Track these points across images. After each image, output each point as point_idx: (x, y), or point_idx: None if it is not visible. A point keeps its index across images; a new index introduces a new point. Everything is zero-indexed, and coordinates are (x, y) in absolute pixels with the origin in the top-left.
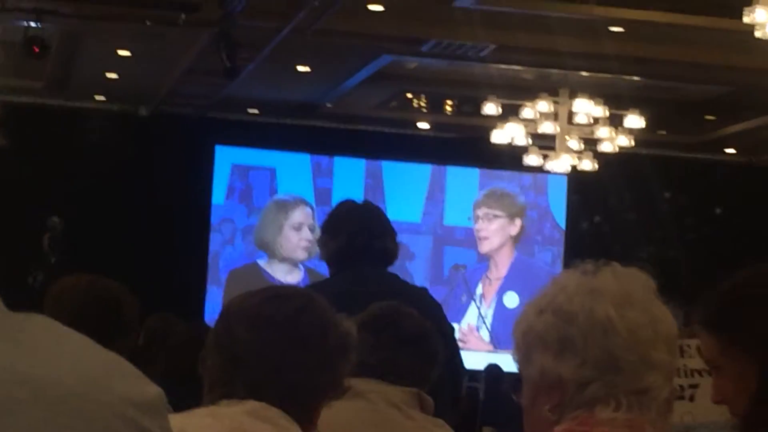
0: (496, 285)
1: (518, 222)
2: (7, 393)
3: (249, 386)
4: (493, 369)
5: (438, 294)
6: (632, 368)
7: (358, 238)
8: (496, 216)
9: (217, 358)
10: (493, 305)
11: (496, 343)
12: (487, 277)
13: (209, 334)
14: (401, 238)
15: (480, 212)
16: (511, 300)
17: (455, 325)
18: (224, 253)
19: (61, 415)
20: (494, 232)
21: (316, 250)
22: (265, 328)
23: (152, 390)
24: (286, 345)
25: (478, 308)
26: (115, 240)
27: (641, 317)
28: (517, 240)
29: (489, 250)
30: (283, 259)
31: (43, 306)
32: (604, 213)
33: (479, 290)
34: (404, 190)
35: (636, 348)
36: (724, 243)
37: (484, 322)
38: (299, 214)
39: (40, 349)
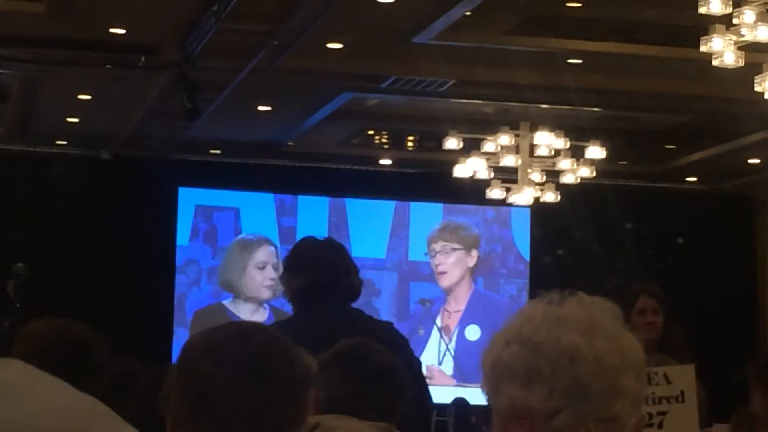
0: (456, 318)
1: (474, 253)
2: None
3: (215, 423)
4: (460, 402)
5: (403, 329)
6: (600, 396)
7: (323, 275)
8: (453, 249)
9: (181, 396)
10: (455, 339)
11: (461, 377)
12: (446, 310)
13: (171, 371)
14: (366, 274)
15: (437, 246)
16: (473, 333)
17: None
18: (190, 295)
19: None
20: (453, 266)
21: (281, 288)
22: (231, 364)
23: (127, 431)
24: (251, 380)
25: (446, 343)
26: (81, 284)
27: (608, 345)
28: (473, 272)
29: (449, 284)
30: (248, 299)
31: (11, 351)
32: (568, 244)
33: (439, 323)
34: (368, 227)
35: (603, 375)
36: (688, 271)
37: (450, 356)
38: (263, 254)
39: (16, 394)
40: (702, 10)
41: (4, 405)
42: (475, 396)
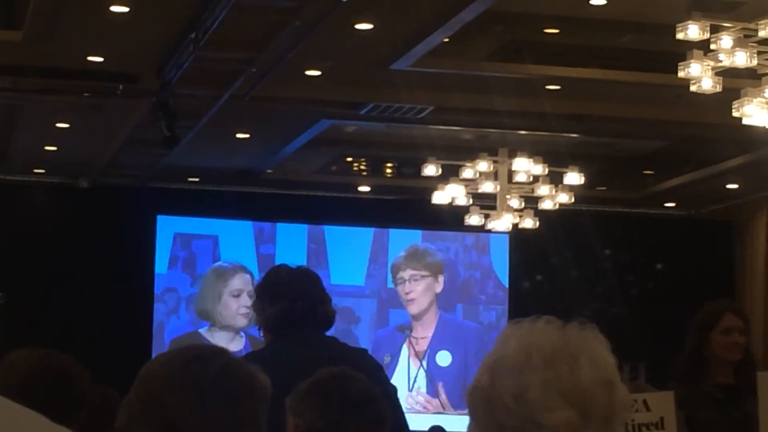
0: (423, 344)
1: (441, 279)
2: None
3: None
4: (437, 430)
5: (379, 356)
6: None
7: (299, 303)
8: (423, 276)
9: (148, 426)
10: (425, 365)
11: (437, 404)
12: (413, 337)
13: (130, 402)
14: (346, 301)
15: (405, 274)
16: (444, 359)
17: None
18: (169, 323)
19: None
20: (422, 293)
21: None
22: (194, 391)
23: None
24: (216, 404)
25: (416, 369)
26: (59, 312)
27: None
28: (438, 297)
29: (419, 311)
30: (224, 327)
31: None
32: (547, 270)
33: (406, 351)
34: (347, 254)
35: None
36: (668, 296)
37: (423, 382)
38: (238, 281)
39: None
40: (680, 36)
41: None
42: (452, 423)
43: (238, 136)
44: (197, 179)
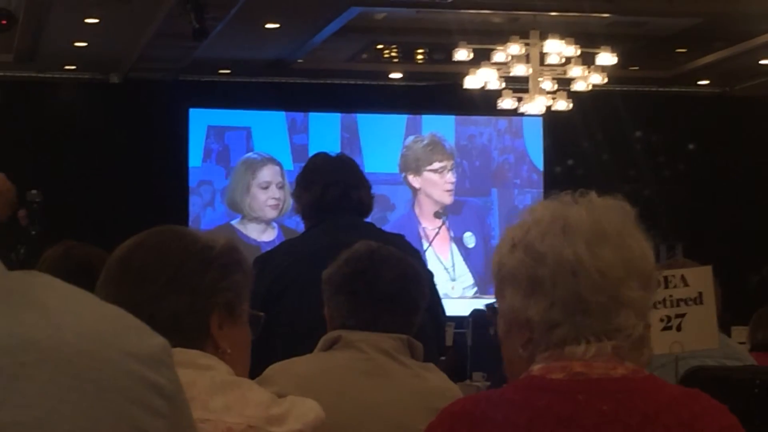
0: (444, 232)
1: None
2: (11, 358)
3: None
4: (479, 314)
5: (417, 242)
6: (602, 309)
7: (332, 188)
8: (453, 166)
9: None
10: (455, 249)
11: (479, 288)
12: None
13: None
14: (380, 189)
15: (437, 165)
16: (470, 240)
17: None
18: (205, 216)
19: (67, 376)
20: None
21: (287, 208)
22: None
23: (156, 341)
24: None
25: (462, 255)
26: (95, 209)
27: (612, 255)
28: None
29: (452, 199)
30: (253, 219)
31: None
32: (580, 153)
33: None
34: (381, 142)
35: (606, 288)
36: (701, 177)
37: (463, 267)
38: (267, 173)
39: (42, 308)
40: None
41: (28, 321)
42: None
43: (268, 26)
44: (228, 71)
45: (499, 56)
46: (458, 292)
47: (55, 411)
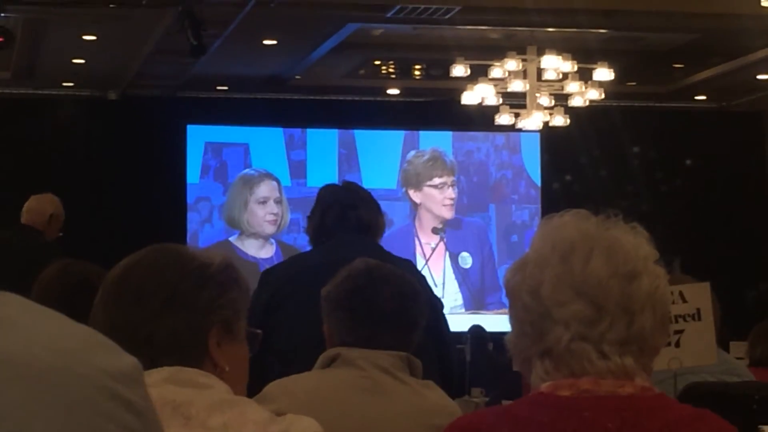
0: (441, 248)
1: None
2: None
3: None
4: (477, 330)
5: (412, 257)
6: (616, 331)
7: (330, 211)
8: (453, 182)
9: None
10: (448, 265)
11: (473, 304)
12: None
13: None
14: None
15: (437, 181)
16: (465, 261)
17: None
18: (203, 232)
19: (41, 392)
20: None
21: (285, 223)
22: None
23: (127, 359)
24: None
25: (454, 270)
26: (92, 225)
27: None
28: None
29: (452, 214)
30: (251, 235)
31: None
32: (577, 168)
33: (441, 253)
34: (378, 158)
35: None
36: (697, 192)
37: (456, 284)
38: (264, 188)
39: (15, 326)
40: None
41: (2, 338)
42: (490, 323)
43: (265, 42)
44: (226, 87)
45: (496, 72)
46: (446, 310)
47: (26, 426)
